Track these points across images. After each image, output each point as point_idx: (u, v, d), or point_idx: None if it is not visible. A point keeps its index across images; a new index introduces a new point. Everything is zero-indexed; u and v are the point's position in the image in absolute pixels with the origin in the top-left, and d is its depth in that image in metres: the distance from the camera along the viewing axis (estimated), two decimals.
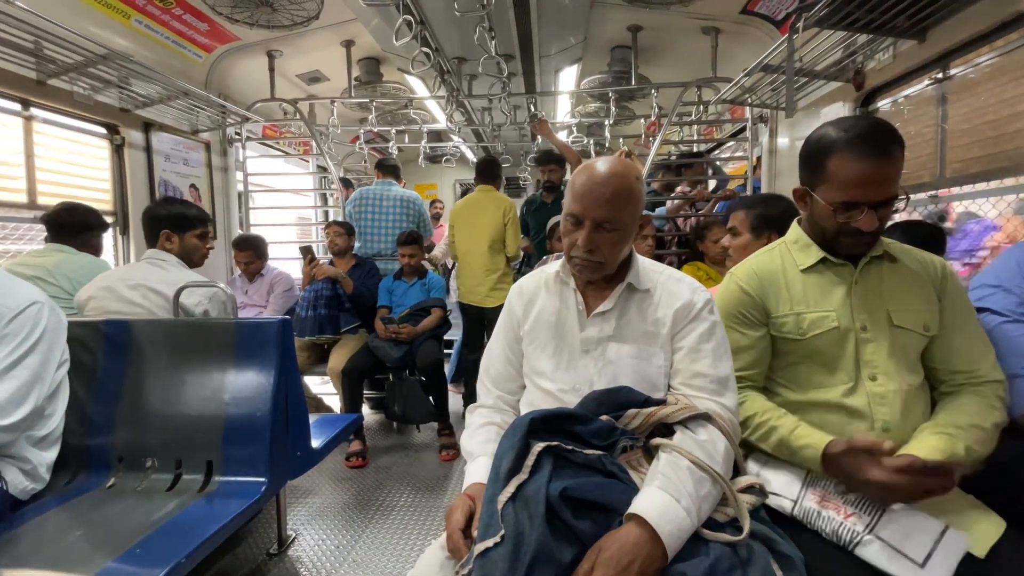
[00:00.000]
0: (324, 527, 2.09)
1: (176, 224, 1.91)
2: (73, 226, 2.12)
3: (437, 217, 5.40)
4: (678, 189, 3.66)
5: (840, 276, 1.08)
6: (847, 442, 0.90)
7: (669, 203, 3.63)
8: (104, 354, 1.61)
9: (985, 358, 1.03)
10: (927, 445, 0.92)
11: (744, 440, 1.07)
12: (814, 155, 1.05)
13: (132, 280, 1.80)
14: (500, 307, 1.03)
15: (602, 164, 0.99)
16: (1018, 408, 1.02)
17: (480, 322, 3.26)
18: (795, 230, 1.18)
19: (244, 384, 1.56)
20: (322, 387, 3.53)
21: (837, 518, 0.90)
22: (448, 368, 3.89)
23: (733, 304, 1.14)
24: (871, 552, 0.85)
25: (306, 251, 2.96)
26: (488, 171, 3.27)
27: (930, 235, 1.59)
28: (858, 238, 1.02)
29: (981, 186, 1.89)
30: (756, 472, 1.04)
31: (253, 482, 1.47)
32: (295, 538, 1.99)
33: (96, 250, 2.20)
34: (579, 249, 0.99)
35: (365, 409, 3.28)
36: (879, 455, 0.87)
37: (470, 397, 3.34)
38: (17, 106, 2.31)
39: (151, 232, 1.90)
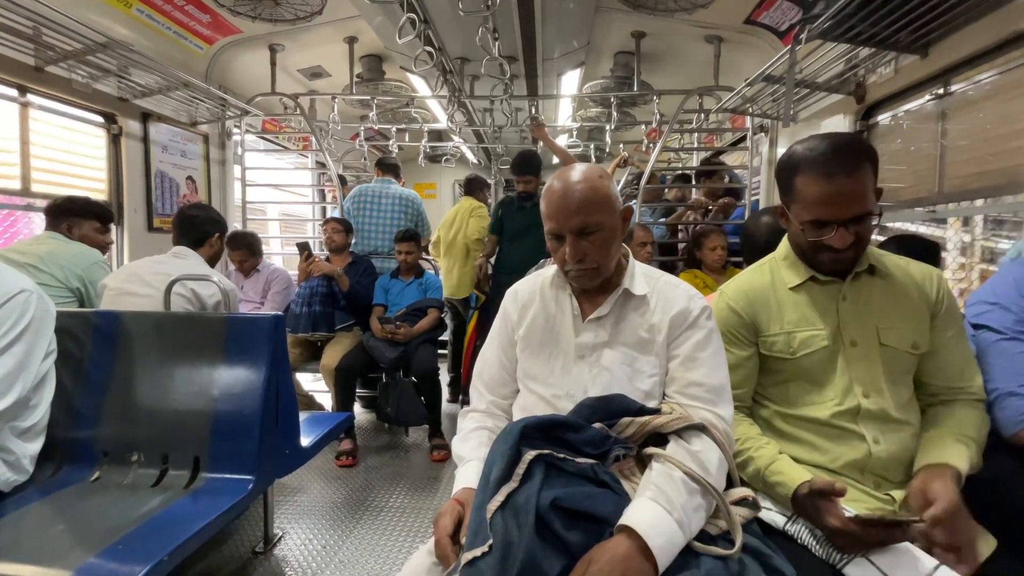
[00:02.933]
0: (311, 526, 2.07)
1: (223, 229, 2.14)
2: (68, 212, 2.10)
3: None
4: (694, 195, 3.62)
5: (828, 293, 1.08)
6: (810, 485, 0.90)
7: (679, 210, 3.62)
8: (93, 345, 1.59)
9: (978, 375, 1.05)
10: (955, 453, 0.93)
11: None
12: (783, 174, 1.06)
13: (155, 268, 1.90)
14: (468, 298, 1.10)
15: (563, 176, 1.01)
16: (1013, 427, 1.02)
17: (458, 314, 3.70)
18: (784, 246, 1.17)
19: (234, 379, 1.54)
20: (314, 385, 3.51)
21: None
22: None
23: (722, 323, 1.13)
24: (859, 572, 0.84)
25: (303, 247, 2.94)
26: (471, 186, 3.84)
27: (925, 250, 1.59)
28: (835, 254, 1.01)
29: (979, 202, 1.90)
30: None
31: (240, 479, 1.45)
32: (282, 537, 1.97)
33: (98, 244, 2.16)
34: (569, 262, 0.99)
35: (357, 408, 3.26)
36: (832, 496, 0.87)
37: (455, 383, 3.67)
38: (14, 92, 2.28)
39: (202, 234, 2.06)
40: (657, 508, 0.77)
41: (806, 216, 1.00)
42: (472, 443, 1.03)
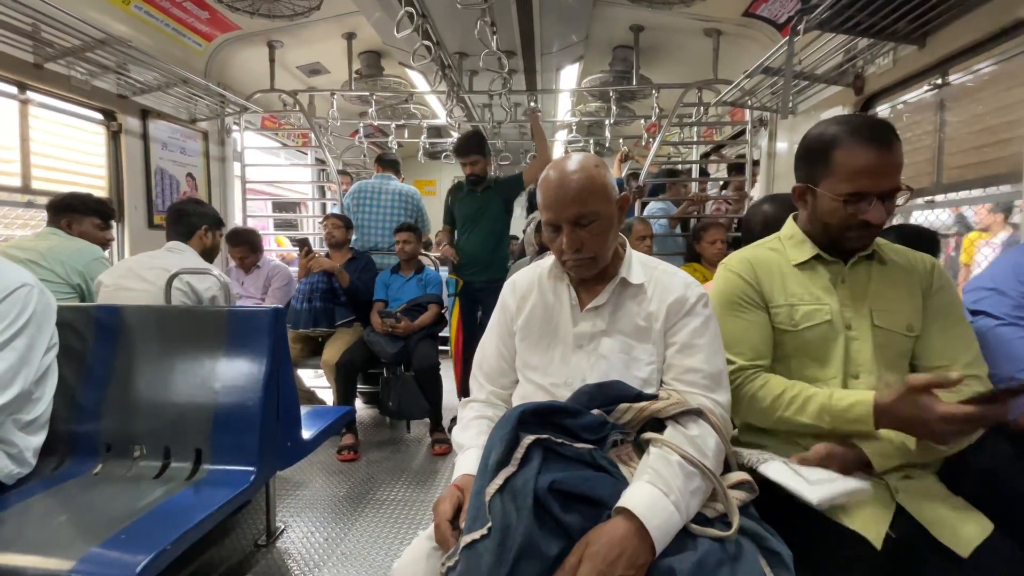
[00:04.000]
0: (313, 519, 2.08)
1: (213, 222, 2.11)
2: (68, 208, 2.11)
3: None
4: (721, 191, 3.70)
5: (832, 273, 1.09)
6: (903, 384, 0.89)
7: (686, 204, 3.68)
8: (95, 339, 1.60)
9: (964, 354, 1.03)
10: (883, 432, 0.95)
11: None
12: (816, 150, 1.04)
13: (150, 263, 1.92)
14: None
15: (559, 165, 1.00)
16: (1010, 411, 1.02)
17: None
18: (790, 226, 1.17)
19: (235, 372, 1.55)
20: (315, 380, 3.52)
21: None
22: None
23: (731, 291, 1.12)
24: (772, 469, 0.91)
25: (303, 243, 2.95)
26: None
27: (924, 238, 1.59)
28: (864, 231, 1.02)
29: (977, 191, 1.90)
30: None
31: (242, 471, 1.46)
32: (284, 530, 1.99)
33: (98, 241, 2.16)
34: (567, 252, 1.00)
35: (358, 403, 3.27)
36: (944, 387, 0.86)
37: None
38: (14, 89, 2.29)
39: (189, 227, 2.05)
40: (654, 491, 0.78)
41: (847, 188, 0.99)
42: (472, 431, 1.04)
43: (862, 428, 0.95)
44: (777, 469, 0.91)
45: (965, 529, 0.89)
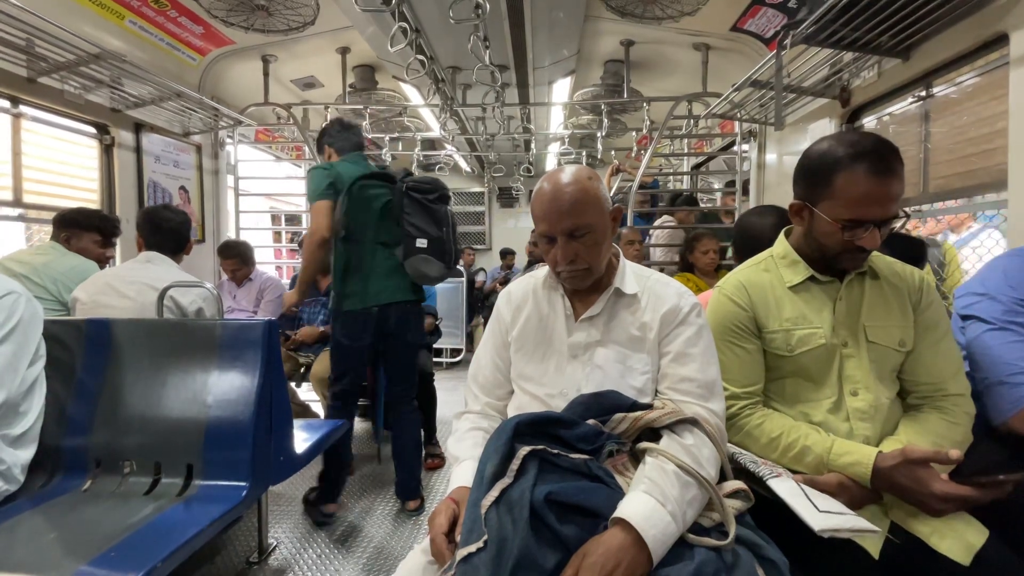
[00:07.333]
0: (306, 536, 2.05)
1: (190, 228, 2.08)
2: (70, 223, 2.10)
3: None
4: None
5: (826, 293, 1.09)
6: (901, 454, 0.90)
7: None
8: (84, 353, 1.58)
9: (950, 371, 1.03)
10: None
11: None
12: (818, 170, 1.01)
13: (129, 277, 1.86)
14: None
15: (553, 178, 1.01)
16: (1001, 415, 1.03)
17: None
18: (782, 244, 1.17)
19: (227, 386, 1.53)
20: (309, 394, 3.48)
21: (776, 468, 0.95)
22: None
23: (727, 318, 1.12)
24: (781, 485, 0.88)
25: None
26: None
27: (911, 248, 1.62)
28: (859, 254, 1.02)
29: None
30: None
31: (234, 486, 1.44)
32: (276, 546, 1.96)
33: (96, 257, 2.14)
34: (561, 263, 1.00)
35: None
36: (944, 463, 0.87)
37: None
38: (6, 103, 2.29)
39: (178, 240, 2.01)
40: (651, 500, 0.78)
41: (845, 215, 0.97)
42: (467, 443, 1.04)
43: (861, 482, 0.95)
44: (787, 487, 0.88)
45: (962, 537, 0.89)
